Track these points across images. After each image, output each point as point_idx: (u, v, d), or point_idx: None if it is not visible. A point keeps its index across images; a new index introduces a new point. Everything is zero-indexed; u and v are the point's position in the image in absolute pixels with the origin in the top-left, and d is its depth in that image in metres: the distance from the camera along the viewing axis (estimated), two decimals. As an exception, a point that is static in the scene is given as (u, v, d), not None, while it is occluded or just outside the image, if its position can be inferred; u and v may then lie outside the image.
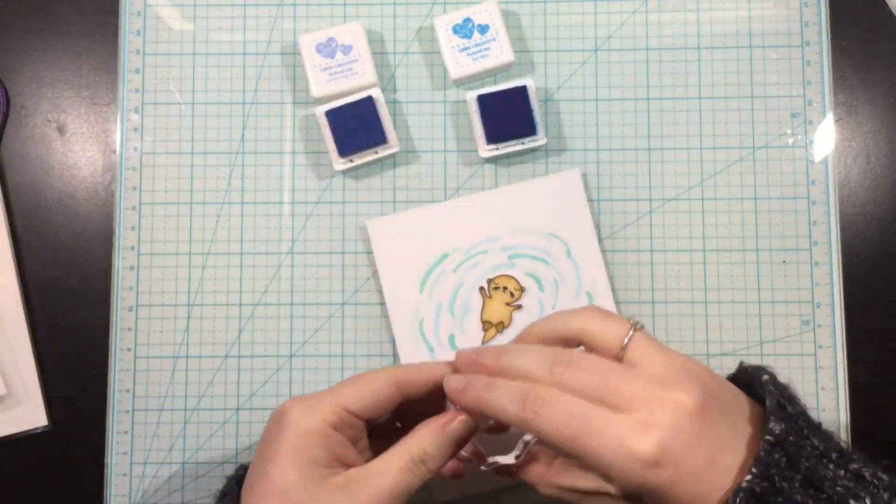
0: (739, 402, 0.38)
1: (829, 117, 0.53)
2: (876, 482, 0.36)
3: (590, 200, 0.53)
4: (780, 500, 0.35)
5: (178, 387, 0.52)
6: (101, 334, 0.53)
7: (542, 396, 0.37)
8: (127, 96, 0.54)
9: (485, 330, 0.52)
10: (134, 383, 0.52)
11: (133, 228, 0.53)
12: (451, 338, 0.52)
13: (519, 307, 0.52)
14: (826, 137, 0.53)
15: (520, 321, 0.52)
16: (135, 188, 0.54)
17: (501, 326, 0.52)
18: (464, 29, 0.52)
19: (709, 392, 0.37)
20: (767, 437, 0.35)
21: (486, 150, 0.52)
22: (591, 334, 0.39)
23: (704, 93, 0.54)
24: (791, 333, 0.52)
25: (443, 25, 0.52)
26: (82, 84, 0.55)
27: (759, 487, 0.35)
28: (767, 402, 0.37)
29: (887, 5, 0.54)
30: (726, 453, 0.36)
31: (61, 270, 0.53)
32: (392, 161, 0.53)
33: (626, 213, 0.53)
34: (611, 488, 0.38)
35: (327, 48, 0.52)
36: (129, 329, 0.53)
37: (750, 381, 0.40)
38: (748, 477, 0.35)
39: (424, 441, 0.40)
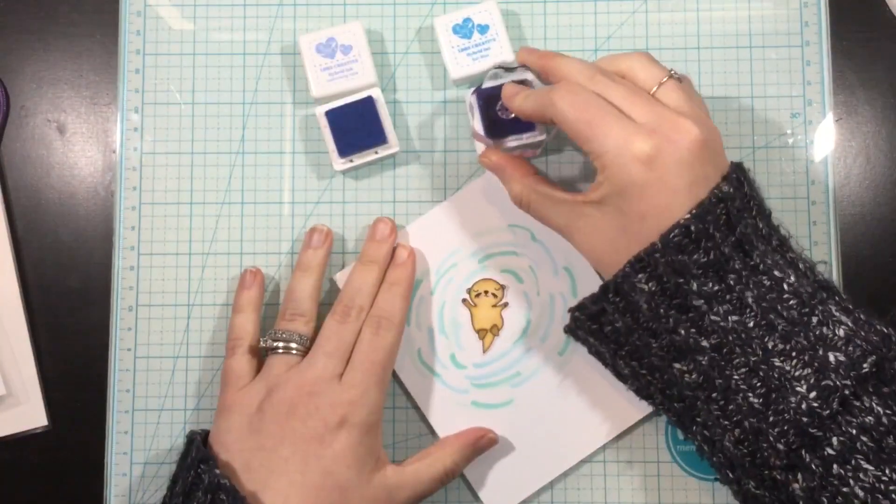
0: (723, 168, 0.42)
1: (829, 117, 0.53)
2: (808, 274, 0.41)
3: (590, 200, 0.53)
4: (709, 245, 0.40)
5: (178, 387, 0.52)
6: (101, 334, 0.53)
7: (573, 88, 0.43)
8: (127, 96, 0.54)
9: (482, 338, 0.52)
10: (134, 383, 0.52)
11: (133, 228, 0.53)
12: (452, 356, 0.52)
13: (506, 305, 0.52)
14: (826, 137, 0.53)
15: (511, 319, 0.52)
16: (135, 188, 0.54)
17: (496, 329, 0.52)
18: (464, 29, 0.52)
19: (712, 138, 0.42)
20: (715, 191, 0.40)
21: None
22: (633, 72, 0.44)
23: (704, 93, 0.54)
24: (791, 333, 0.52)
25: (443, 25, 0.52)
26: (82, 84, 0.55)
27: (693, 227, 0.39)
28: (728, 171, 0.42)
29: (887, 5, 0.54)
30: (699, 191, 0.40)
31: (61, 270, 0.53)
32: (392, 161, 0.53)
33: (626, 213, 0.53)
34: (585, 196, 0.43)
35: (327, 48, 0.52)
36: (129, 329, 0.53)
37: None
38: (687, 216, 0.40)
39: (457, 455, 0.48)
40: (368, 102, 0.51)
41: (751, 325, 0.39)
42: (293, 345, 0.48)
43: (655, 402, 0.45)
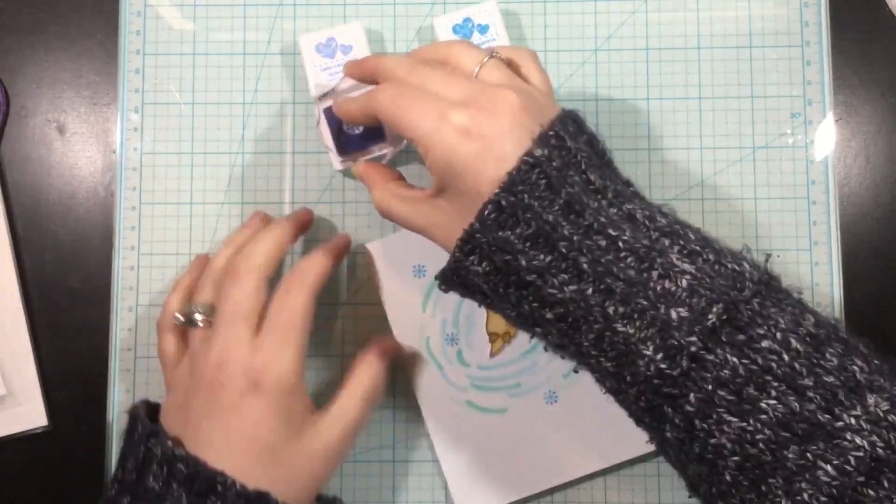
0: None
1: (829, 117, 0.53)
2: (647, 224, 0.39)
3: (590, 200, 0.53)
4: (528, 216, 0.38)
5: (178, 387, 0.52)
6: (101, 334, 0.53)
7: (392, 83, 0.43)
8: (127, 96, 0.54)
9: (492, 341, 0.52)
10: (134, 383, 0.52)
11: (133, 228, 0.53)
12: (459, 353, 0.52)
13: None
14: (826, 137, 0.53)
15: (525, 330, 0.52)
16: (135, 188, 0.54)
17: (508, 336, 0.52)
18: (464, 29, 0.52)
19: (535, 102, 0.41)
20: (525, 158, 0.38)
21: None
22: (454, 58, 0.44)
23: (704, 93, 0.54)
24: (791, 333, 0.52)
25: (443, 25, 0.52)
26: (82, 84, 0.55)
27: (504, 201, 0.38)
28: (543, 130, 0.40)
29: (887, 5, 0.54)
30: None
31: (61, 270, 0.53)
32: (392, 161, 0.53)
33: (626, 213, 0.53)
34: (430, 190, 0.42)
35: (327, 48, 0.52)
36: (129, 329, 0.53)
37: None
38: (496, 190, 0.38)
39: (372, 370, 0.47)
40: (368, 102, 0.51)
41: (589, 291, 0.38)
42: (203, 316, 0.47)
43: None
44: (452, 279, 0.42)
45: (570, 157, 0.39)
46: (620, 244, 0.38)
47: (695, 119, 0.54)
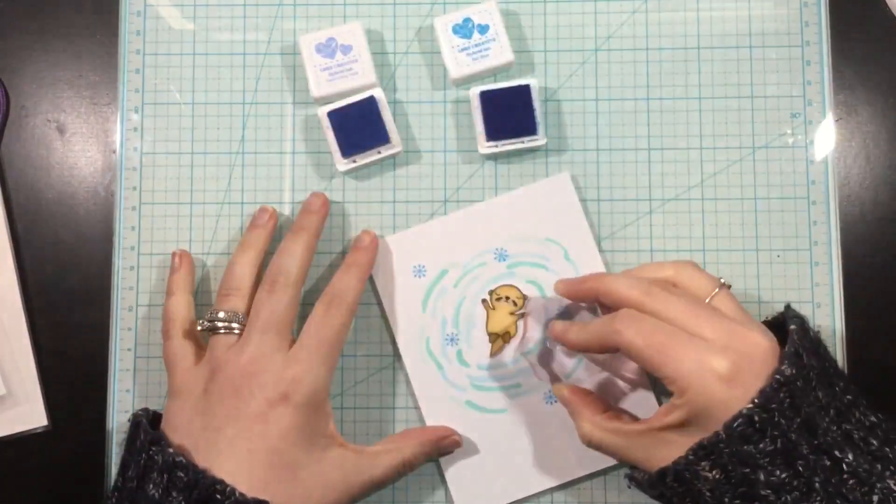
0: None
1: (829, 117, 0.53)
2: (862, 446, 0.40)
3: (590, 201, 0.53)
4: (775, 433, 0.39)
5: (178, 387, 0.52)
6: (101, 334, 0.53)
7: (632, 316, 0.42)
8: (127, 96, 0.54)
9: (492, 342, 0.52)
10: (134, 383, 0.52)
11: (133, 228, 0.53)
12: (459, 353, 0.52)
13: (523, 315, 0.52)
14: (826, 137, 0.53)
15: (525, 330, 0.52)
16: (135, 188, 0.54)
17: (508, 336, 0.52)
18: (464, 29, 0.52)
19: (775, 342, 0.42)
20: (777, 377, 0.39)
21: (485, 146, 0.52)
22: (683, 282, 0.45)
23: (704, 93, 0.54)
24: (791, 333, 0.52)
25: (443, 25, 0.52)
26: (82, 84, 0.55)
27: (757, 416, 0.39)
28: (787, 347, 0.41)
29: (887, 5, 0.54)
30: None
31: (61, 270, 0.53)
32: (392, 161, 0.53)
33: (626, 214, 0.53)
34: (662, 422, 0.41)
35: (327, 48, 0.52)
36: (129, 329, 0.53)
37: (782, 323, 0.45)
38: (749, 405, 0.39)
39: (418, 449, 0.48)
40: (371, 102, 0.51)
41: None
42: (230, 324, 0.48)
43: None
44: (671, 481, 0.41)
45: (806, 374, 0.40)
46: (844, 466, 0.39)
47: (695, 119, 0.54)
